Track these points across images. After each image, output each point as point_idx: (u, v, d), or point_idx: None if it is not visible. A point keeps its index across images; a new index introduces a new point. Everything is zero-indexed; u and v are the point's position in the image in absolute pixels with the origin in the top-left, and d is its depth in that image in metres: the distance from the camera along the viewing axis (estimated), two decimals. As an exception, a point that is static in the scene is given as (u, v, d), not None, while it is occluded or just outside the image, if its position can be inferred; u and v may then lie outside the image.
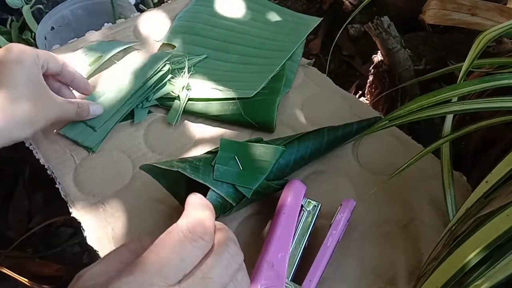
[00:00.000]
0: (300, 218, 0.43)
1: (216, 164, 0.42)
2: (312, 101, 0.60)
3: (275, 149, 0.44)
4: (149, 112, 0.58)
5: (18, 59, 0.45)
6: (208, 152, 0.46)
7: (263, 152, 0.44)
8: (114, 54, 0.64)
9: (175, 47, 0.66)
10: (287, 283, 0.39)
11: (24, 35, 1.03)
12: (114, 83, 0.58)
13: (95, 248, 0.45)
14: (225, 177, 0.42)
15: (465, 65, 0.45)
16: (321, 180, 0.51)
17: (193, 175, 0.40)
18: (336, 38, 0.64)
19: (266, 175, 0.44)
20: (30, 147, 0.54)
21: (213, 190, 0.41)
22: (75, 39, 0.68)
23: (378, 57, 0.76)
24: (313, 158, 0.50)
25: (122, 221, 0.47)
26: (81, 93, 0.56)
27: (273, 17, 0.72)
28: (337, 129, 0.52)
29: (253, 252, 0.42)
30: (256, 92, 0.57)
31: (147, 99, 0.58)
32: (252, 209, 0.48)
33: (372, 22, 0.67)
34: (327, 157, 0.52)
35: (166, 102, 0.58)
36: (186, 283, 0.27)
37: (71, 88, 0.55)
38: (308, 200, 0.44)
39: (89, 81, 0.61)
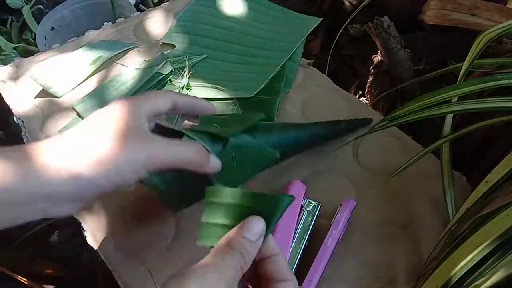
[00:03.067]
0: (300, 218, 0.43)
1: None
2: (312, 101, 0.60)
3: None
4: (149, 112, 0.58)
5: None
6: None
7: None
8: (115, 54, 0.64)
9: (175, 47, 0.66)
10: None
11: (24, 35, 1.03)
12: (114, 82, 0.58)
13: (95, 248, 0.45)
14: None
15: (465, 65, 0.45)
16: (321, 180, 0.51)
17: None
18: (336, 38, 0.64)
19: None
20: (30, 147, 0.54)
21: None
22: (75, 38, 0.68)
23: (378, 57, 0.76)
24: (294, 151, 0.50)
25: (122, 222, 0.47)
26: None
27: (273, 17, 0.72)
28: (322, 125, 0.51)
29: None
30: (256, 92, 0.57)
31: (147, 99, 0.58)
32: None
33: (372, 22, 0.67)
34: (327, 157, 0.52)
35: (166, 102, 0.58)
36: None
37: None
38: (308, 200, 0.44)
39: (88, 81, 0.61)
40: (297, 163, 0.52)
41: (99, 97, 0.57)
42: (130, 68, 0.61)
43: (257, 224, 0.31)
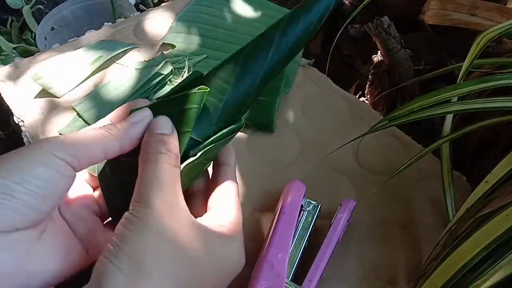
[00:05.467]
0: (300, 218, 0.43)
1: None
2: (312, 101, 0.60)
3: (193, 95, 0.29)
4: (149, 112, 0.58)
5: None
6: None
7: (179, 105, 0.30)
8: (115, 55, 0.64)
9: (175, 47, 0.66)
10: (287, 283, 0.39)
11: (24, 35, 1.03)
12: (114, 82, 0.58)
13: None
14: None
15: (465, 65, 0.45)
16: (321, 180, 0.51)
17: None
18: (336, 38, 0.64)
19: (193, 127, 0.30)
20: (30, 147, 0.54)
21: None
22: (75, 38, 0.68)
23: (378, 57, 0.76)
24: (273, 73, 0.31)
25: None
26: None
27: (273, 17, 0.72)
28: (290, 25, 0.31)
29: (253, 252, 0.42)
30: (256, 92, 0.57)
31: (147, 98, 0.58)
32: (252, 208, 0.48)
33: (372, 22, 0.67)
34: (327, 157, 0.52)
35: (166, 102, 0.58)
36: None
37: None
38: (308, 200, 0.44)
39: (88, 80, 0.61)
40: (297, 163, 0.52)
41: (99, 97, 0.57)
42: (130, 68, 0.61)
43: (160, 120, 0.28)
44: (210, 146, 0.29)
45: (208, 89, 0.29)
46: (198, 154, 0.29)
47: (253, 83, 0.30)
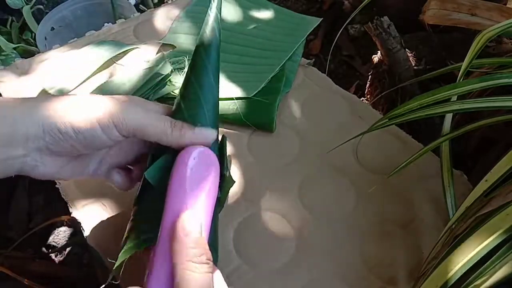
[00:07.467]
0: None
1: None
2: (312, 101, 0.60)
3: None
4: (149, 112, 0.58)
5: None
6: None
7: None
8: (115, 55, 0.64)
9: (175, 47, 0.66)
10: None
11: (24, 35, 1.03)
12: (114, 83, 0.58)
13: (95, 248, 0.45)
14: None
15: (464, 63, 0.45)
16: (321, 179, 0.51)
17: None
18: (336, 38, 0.64)
19: None
20: (30, 147, 0.54)
21: None
22: (75, 39, 0.68)
23: (378, 57, 0.76)
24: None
25: (122, 221, 0.47)
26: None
27: (273, 17, 0.72)
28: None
29: (253, 252, 0.42)
30: (256, 92, 0.57)
31: (147, 99, 0.58)
32: (251, 208, 0.48)
33: (372, 22, 0.67)
34: (327, 156, 0.52)
35: (166, 102, 0.58)
36: None
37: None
38: None
39: (88, 81, 0.61)
40: (297, 163, 0.52)
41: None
42: (130, 68, 0.61)
43: (190, 219, 0.30)
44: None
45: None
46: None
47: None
